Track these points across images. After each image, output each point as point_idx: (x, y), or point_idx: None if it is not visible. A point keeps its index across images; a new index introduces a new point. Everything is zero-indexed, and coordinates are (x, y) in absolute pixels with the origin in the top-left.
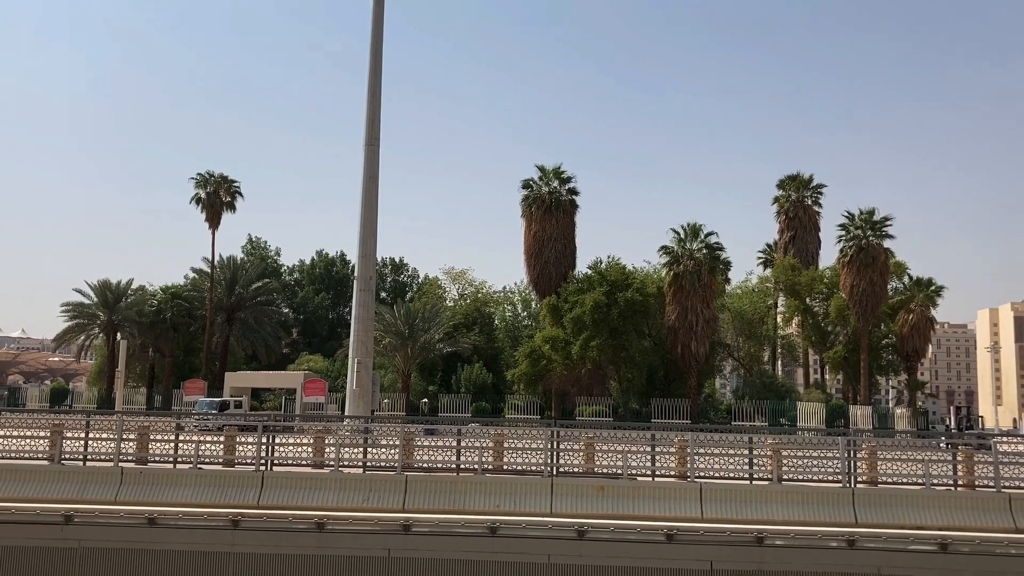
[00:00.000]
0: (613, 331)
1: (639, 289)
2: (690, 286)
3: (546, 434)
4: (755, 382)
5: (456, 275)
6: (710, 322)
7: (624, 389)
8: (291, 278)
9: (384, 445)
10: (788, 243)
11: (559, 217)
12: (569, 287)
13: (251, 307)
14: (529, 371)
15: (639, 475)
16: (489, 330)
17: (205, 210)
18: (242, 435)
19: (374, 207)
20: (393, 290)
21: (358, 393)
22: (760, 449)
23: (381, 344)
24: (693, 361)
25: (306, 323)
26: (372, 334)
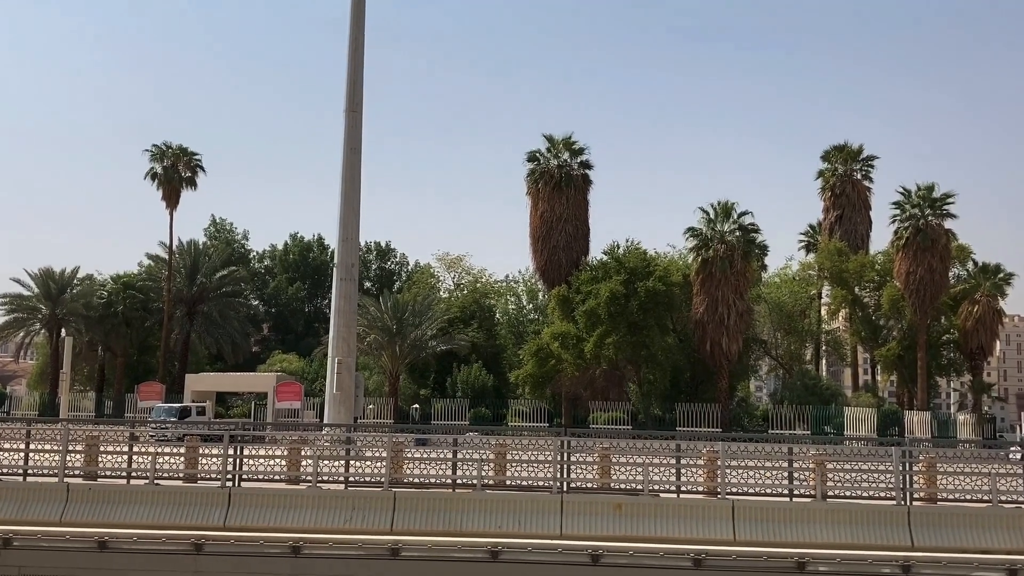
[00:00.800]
0: (632, 326)
1: (662, 277)
2: (721, 274)
3: (555, 444)
4: (795, 384)
5: (451, 262)
6: (744, 315)
7: (645, 392)
8: (261, 265)
9: (369, 457)
10: (834, 224)
11: (570, 194)
12: (581, 275)
13: (215, 299)
14: (535, 372)
15: (662, 491)
16: (489, 325)
17: (161, 187)
18: (206, 446)
19: (356, 183)
20: (379, 279)
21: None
22: (801, 461)
23: (365, 341)
24: (724, 360)
25: (279, 317)
26: (355, 330)
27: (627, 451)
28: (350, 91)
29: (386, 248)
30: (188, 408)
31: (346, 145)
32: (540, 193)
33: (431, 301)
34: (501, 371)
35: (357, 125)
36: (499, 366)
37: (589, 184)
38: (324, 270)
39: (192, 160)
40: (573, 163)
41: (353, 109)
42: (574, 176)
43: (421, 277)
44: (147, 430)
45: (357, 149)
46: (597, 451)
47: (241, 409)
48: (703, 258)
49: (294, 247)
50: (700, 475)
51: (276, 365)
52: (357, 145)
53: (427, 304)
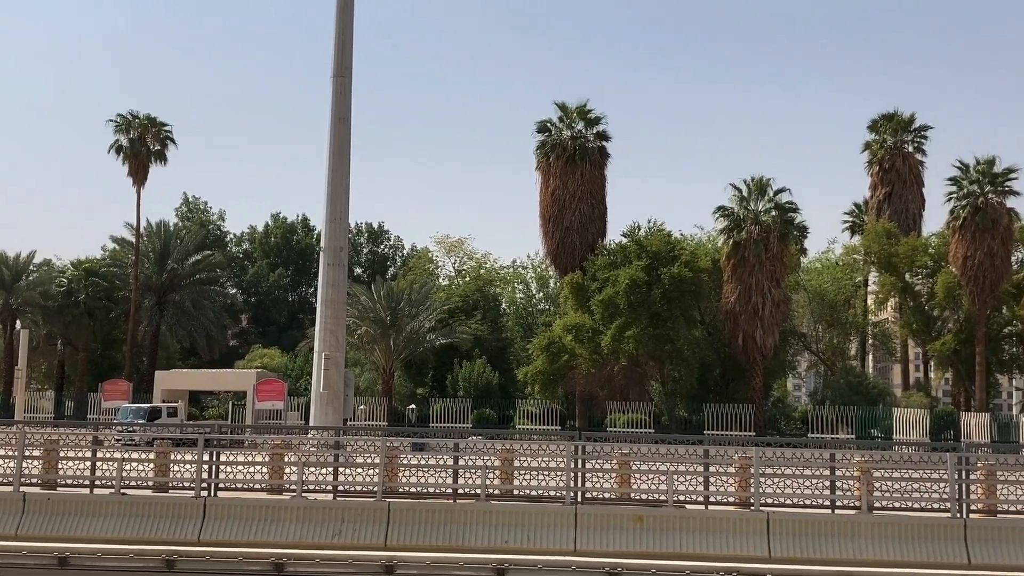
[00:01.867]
0: (655, 317)
1: (688, 263)
2: (755, 258)
3: (568, 449)
4: (838, 382)
5: (451, 245)
6: (780, 305)
7: (669, 392)
8: (239, 249)
9: (360, 464)
10: (882, 202)
11: (585, 169)
12: (598, 260)
13: (188, 287)
14: (546, 369)
15: (688, 502)
16: (495, 316)
17: (128, 161)
18: (178, 451)
19: (346, 157)
20: (371, 265)
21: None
22: (845, 469)
23: (356, 334)
24: (758, 355)
25: (259, 307)
26: (344, 321)
27: (649, 457)
28: (338, 54)
29: (379, 230)
30: (158, 409)
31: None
32: (551, 168)
33: (429, 289)
34: (508, 368)
35: (346, 92)
36: (505, 362)
37: (606, 158)
38: (309, 254)
39: (162, 131)
40: (588, 134)
41: (341, 74)
42: (589, 149)
43: (418, 262)
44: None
45: (346, 119)
46: (615, 457)
47: (217, 410)
48: (735, 241)
49: (276, 229)
50: (731, 484)
51: (256, 361)
52: (346, 114)
53: (425, 293)
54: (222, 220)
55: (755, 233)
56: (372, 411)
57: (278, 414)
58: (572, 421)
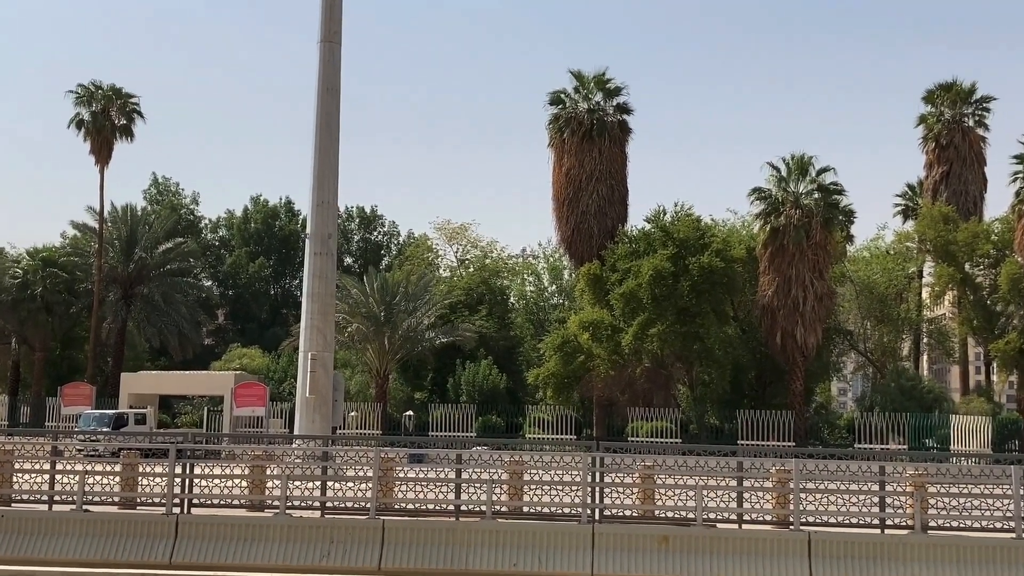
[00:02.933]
0: (682, 312)
1: (720, 251)
2: (795, 246)
3: (585, 462)
4: (889, 386)
5: (453, 232)
6: (824, 299)
7: (698, 397)
8: (215, 237)
9: (351, 477)
10: (939, 183)
11: (603, 146)
12: (618, 249)
13: (158, 278)
14: (560, 371)
15: (720, 520)
16: (502, 312)
17: (90, 138)
18: (147, 463)
19: (335, 133)
20: (363, 254)
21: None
22: (896, 483)
23: (346, 332)
24: (799, 356)
25: (238, 302)
26: (333, 317)
27: (675, 470)
28: (325, 16)
29: (372, 215)
30: (124, 415)
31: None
32: (566, 145)
33: (428, 281)
34: (516, 369)
35: (335, 60)
36: (514, 363)
37: (628, 133)
38: (294, 242)
39: (128, 104)
40: (607, 106)
41: (329, 39)
42: (608, 123)
43: (416, 251)
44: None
45: (335, 89)
46: (637, 470)
47: (191, 417)
48: (772, 226)
49: (256, 213)
50: (768, 501)
51: (234, 362)
52: (335, 85)
53: (423, 285)
54: (196, 204)
55: (795, 218)
56: (364, 418)
57: (259, 421)
58: (589, 430)
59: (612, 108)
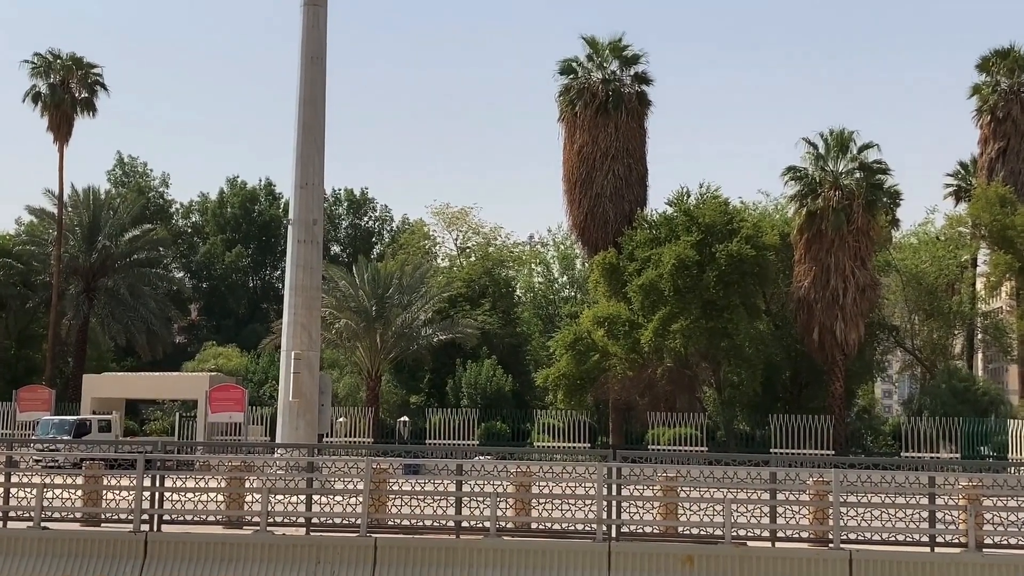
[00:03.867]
0: (709, 306)
1: (751, 238)
2: (834, 232)
3: (600, 472)
4: (939, 388)
5: (453, 217)
6: (866, 290)
7: (726, 400)
8: (187, 223)
9: (340, 491)
10: (995, 161)
11: (620, 120)
12: (636, 235)
13: (124, 269)
14: (572, 372)
15: (751, 538)
16: (507, 306)
17: (47, 113)
18: (113, 475)
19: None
20: (352, 242)
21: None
22: (947, 496)
23: (333, 329)
24: (838, 354)
25: (212, 295)
26: (319, 313)
27: (701, 482)
28: None
29: (362, 198)
30: (87, 422)
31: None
32: (578, 119)
33: (425, 272)
34: (523, 370)
35: (320, 25)
36: (521, 363)
37: (647, 106)
38: (275, 229)
39: (90, 75)
40: (624, 76)
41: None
42: (626, 94)
43: (411, 239)
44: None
45: (320, 58)
46: (659, 482)
47: (161, 423)
48: (809, 210)
49: (233, 197)
50: (805, 516)
51: (209, 362)
52: (320, 53)
53: (420, 276)
54: (165, 186)
55: (835, 200)
56: (354, 424)
57: (237, 428)
58: (604, 437)
59: (629, 78)
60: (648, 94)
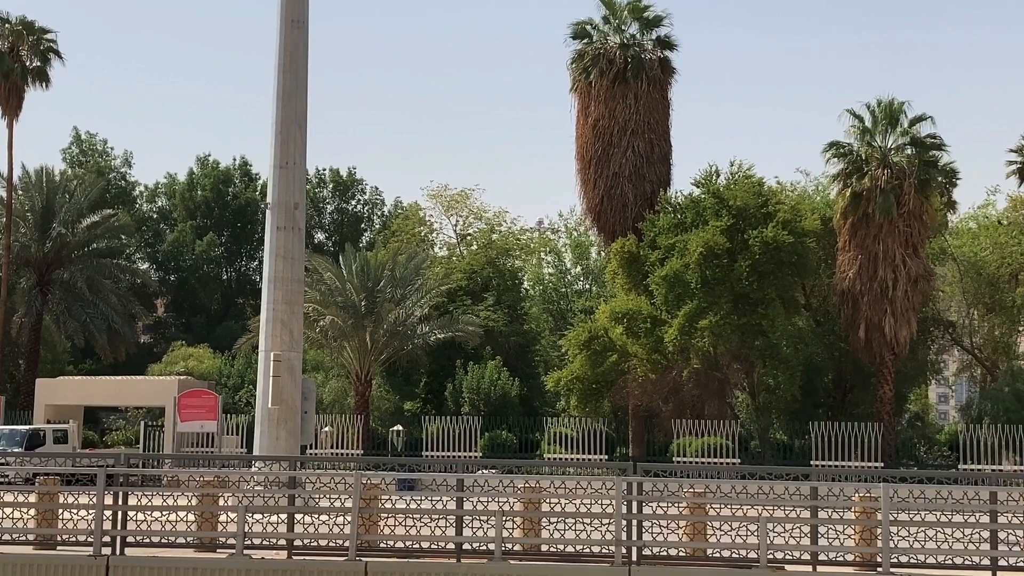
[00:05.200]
0: (741, 300)
1: (788, 223)
2: (883, 216)
3: (618, 488)
4: (1002, 392)
5: (452, 200)
6: (919, 282)
7: (761, 406)
8: (153, 207)
9: (326, 509)
10: None
11: (640, 91)
12: (659, 220)
13: (82, 260)
14: (587, 374)
15: (789, 561)
16: (513, 300)
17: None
18: (70, 491)
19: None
20: (338, 228)
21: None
22: (1011, 514)
23: (318, 327)
24: (888, 354)
25: (181, 289)
26: (301, 308)
27: (733, 499)
28: None
29: (349, 180)
30: (40, 432)
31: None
32: (593, 89)
33: (421, 262)
34: (532, 372)
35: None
36: (529, 364)
37: (671, 74)
38: (252, 214)
39: (42, 41)
40: (645, 40)
41: None
42: (647, 61)
43: (405, 225)
44: None
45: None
46: (685, 499)
47: (124, 433)
48: (854, 191)
49: (204, 178)
50: (850, 536)
51: (178, 364)
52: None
53: (415, 267)
54: (128, 166)
55: (883, 179)
56: (341, 434)
57: (209, 439)
58: (624, 448)
59: (651, 42)
60: (672, 61)
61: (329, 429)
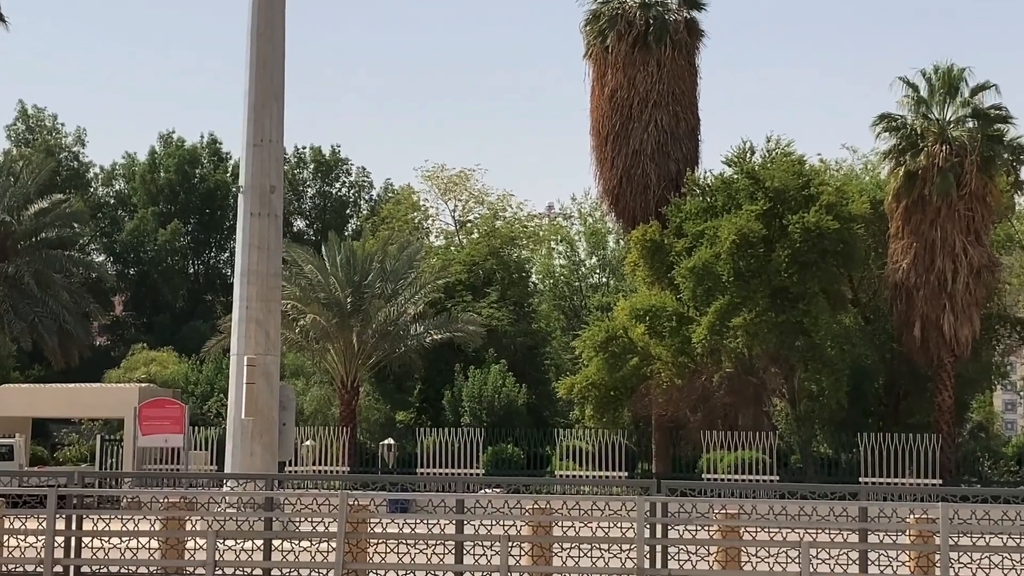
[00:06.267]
0: (779, 295)
1: (833, 207)
2: (941, 199)
3: (640, 508)
4: None
5: (449, 182)
6: (983, 273)
7: (803, 415)
8: (110, 191)
9: (307, 534)
10: None
11: (664, 58)
12: (686, 204)
13: (29, 252)
14: (604, 380)
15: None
16: (520, 296)
17: None
18: (16, 514)
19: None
20: (320, 215)
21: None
22: None
23: (298, 327)
24: (947, 356)
25: (142, 284)
26: (279, 306)
27: (771, 521)
28: None
29: (333, 159)
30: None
31: None
32: (610, 55)
33: (415, 253)
34: (541, 378)
35: None
36: (538, 369)
37: (699, 37)
38: (222, 199)
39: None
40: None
41: None
42: (671, 23)
43: (396, 210)
44: None
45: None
46: (717, 522)
47: (78, 449)
48: (908, 170)
49: (167, 159)
50: (905, 563)
51: (139, 370)
52: None
53: (408, 259)
54: (81, 145)
55: (941, 157)
56: (325, 449)
57: (175, 455)
58: (646, 463)
59: (675, 2)
60: (700, 22)
61: (311, 443)
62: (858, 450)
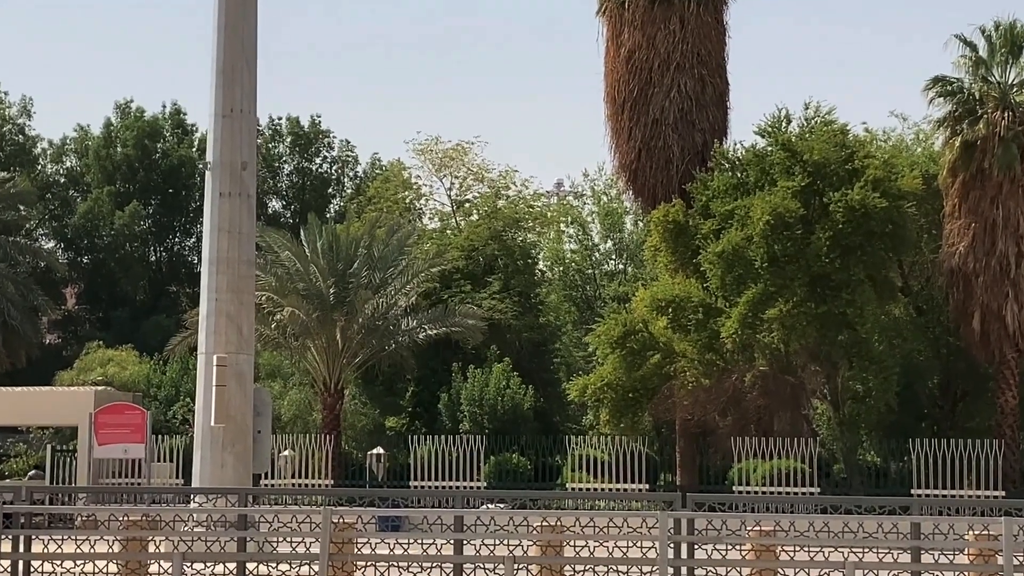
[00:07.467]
0: (820, 283)
1: (880, 182)
2: (1003, 173)
3: (663, 526)
4: None
5: (445, 157)
6: None
7: (847, 419)
8: (60, 169)
9: (286, 556)
10: None
11: (687, 15)
12: (713, 180)
13: None
14: (621, 380)
15: None
16: (525, 285)
17: None
18: None
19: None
20: (299, 194)
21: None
22: None
23: (274, 321)
24: (1011, 351)
25: (97, 274)
26: (253, 298)
27: (812, 539)
28: None
29: (312, 131)
30: None
31: None
32: (626, 12)
33: (406, 237)
34: (550, 379)
35: None
36: (546, 368)
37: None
38: (188, 177)
39: None
40: None
41: None
42: None
43: (385, 189)
44: None
45: None
46: (750, 539)
47: (26, 461)
48: (966, 140)
49: (125, 131)
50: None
51: (95, 371)
52: None
53: (398, 244)
54: (27, 117)
55: (1003, 126)
56: (305, 460)
57: (136, 467)
58: (669, 474)
59: None
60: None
61: (289, 453)
62: (909, 458)
